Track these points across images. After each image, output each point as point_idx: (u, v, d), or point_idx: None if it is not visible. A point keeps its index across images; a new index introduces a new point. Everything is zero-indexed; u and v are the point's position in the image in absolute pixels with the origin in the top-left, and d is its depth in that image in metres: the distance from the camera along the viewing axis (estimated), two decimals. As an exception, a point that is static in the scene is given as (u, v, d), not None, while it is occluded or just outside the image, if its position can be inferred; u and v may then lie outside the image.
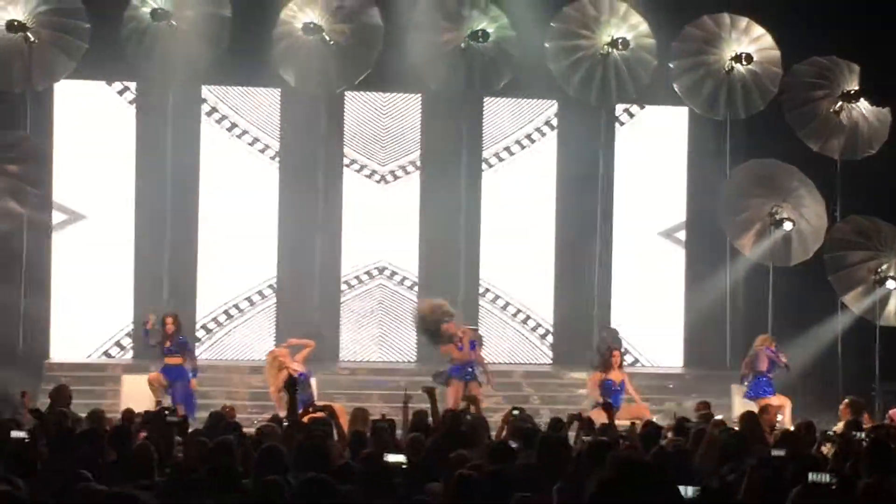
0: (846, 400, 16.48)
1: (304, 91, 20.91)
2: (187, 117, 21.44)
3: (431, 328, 18.47)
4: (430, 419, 12.91)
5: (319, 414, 12.67)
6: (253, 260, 21.96)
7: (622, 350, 19.77)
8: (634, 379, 20.50)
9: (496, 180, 22.64)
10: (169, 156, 20.96)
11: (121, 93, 21.62)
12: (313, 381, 18.00)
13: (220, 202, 21.85)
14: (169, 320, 18.36)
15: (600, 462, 8.61)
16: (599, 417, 16.63)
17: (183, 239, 21.48)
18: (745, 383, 18.97)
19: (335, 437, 11.71)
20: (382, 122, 22.45)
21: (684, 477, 8.50)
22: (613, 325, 22.06)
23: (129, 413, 14.45)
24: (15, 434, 9.01)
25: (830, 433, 12.94)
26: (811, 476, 6.94)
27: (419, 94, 22.17)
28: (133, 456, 9.54)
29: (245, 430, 12.00)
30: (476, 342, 18.65)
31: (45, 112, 21.07)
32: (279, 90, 21.69)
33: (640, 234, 22.82)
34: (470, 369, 18.29)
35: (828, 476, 6.93)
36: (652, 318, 22.61)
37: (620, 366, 18.71)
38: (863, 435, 12.43)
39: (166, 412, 12.33)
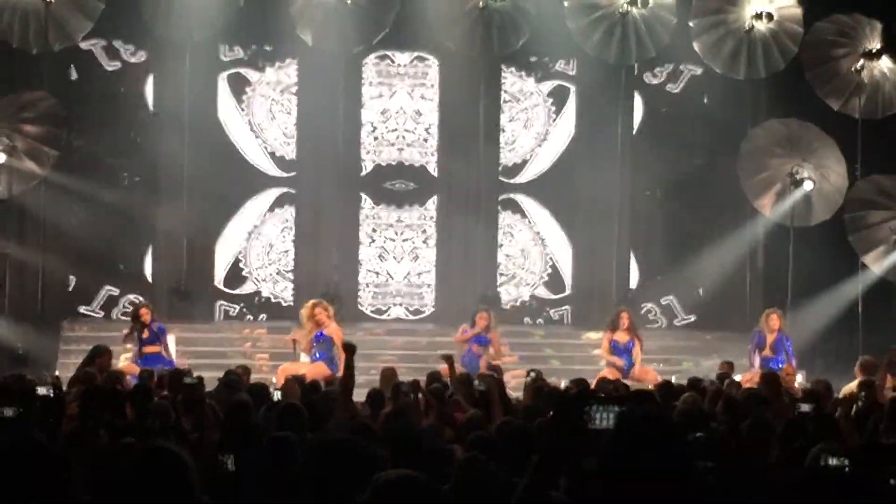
0: (860, 360, 16.56)
1: (323, 50, 20.90)
2: (205, 76, 21.48)
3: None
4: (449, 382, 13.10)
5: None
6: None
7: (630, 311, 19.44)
8: (654, 338, 20.64)
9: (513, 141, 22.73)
10: (186, 115, 21.02)
11: (136, 52, 21.64)
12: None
13: (236, 164, 21.99)
14: (144, 311, 18.04)
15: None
16: (605, 375, 16.82)
17: (206, 196, 21.53)
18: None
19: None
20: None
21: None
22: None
23: (147, 373, 14.74)
24: (41, 391, 9.12)
25: (843, 395, 13.09)
26: (830, 460, 6.96)
27: (437, 55, 22.18)
28: (153, 415, 9.69)
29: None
30: (488, 339, 18.37)
31: (63, 72, 21.13)
32: (297, 49, 21.69)
33: (657, 192, 22.87)
34: (471, 358, 18.11)
35: (844, 460, 6.95)
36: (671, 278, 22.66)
37: (629, 328, 18.69)
38: (863, 395, 12.61)
39: (183, 374, 12.48)
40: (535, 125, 22.80)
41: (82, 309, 21.32)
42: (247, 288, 22.05)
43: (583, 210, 22.46)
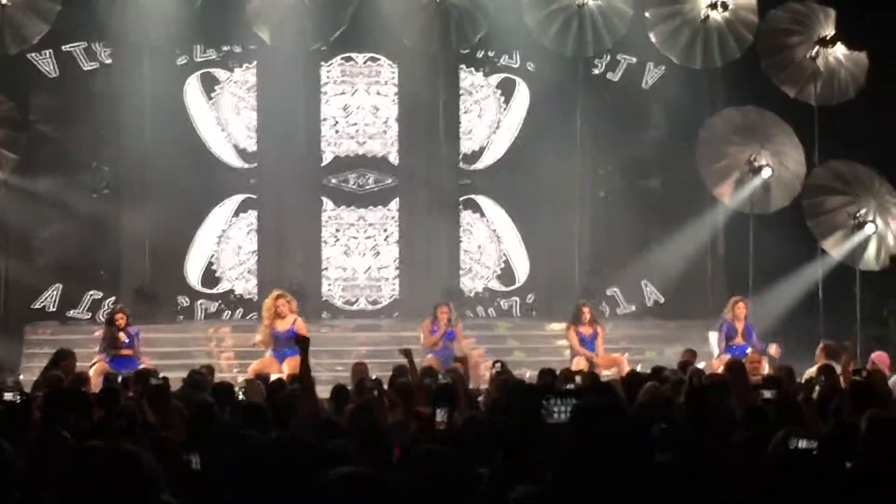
0: (821, 344, 16.67)
1: (279, 48, 20.83)
2: (164, 77, 21.35)
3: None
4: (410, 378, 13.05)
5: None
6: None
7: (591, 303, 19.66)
8: (617, 328, 20.72)
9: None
10: (147, 115, 20.89)
11: (96, 54, 21.46)
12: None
13: (201, 159, 21.88)
14: (120, 316, 17.94)
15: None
16: (579, 366, 16.92)
17: (168, 202, 21.39)
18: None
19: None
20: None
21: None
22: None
23: (113, 375, 14.69)
24: (7, 396, 9.09)
25: (805, 379, 13.16)
26: (794, 442, 6.98)
27: (394, 51, 22.11)
28: (120, 416, 9.68)
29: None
30: (454, 334, 18.50)
31: (21, 75, 20.96)
32: (255, 48, 21.60)
33: (617, 183, 22.83)
34: (446, 351, 18.17)
35: (812, 442, 6.98)
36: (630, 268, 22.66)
37: (591, 320, 18.88)
38: (822, 379, 12.73)
39: (150, 375, 12.43)
40: (488, 114, 22.71)
41: (71, 313, 21.17)
42: (222, 287, 21.97)
43: (539, 201, 22.42)
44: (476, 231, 22.67)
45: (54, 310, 21.14)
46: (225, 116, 22.02)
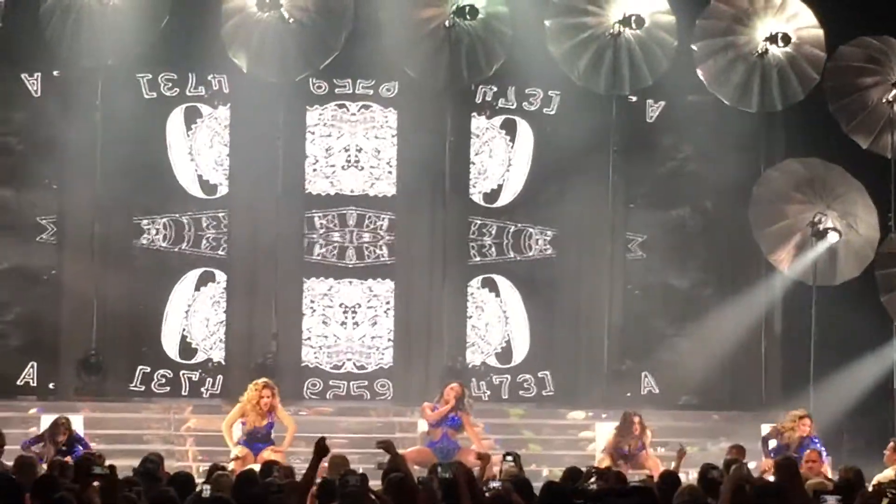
0: (891, 443, 16.49)
1: (258, 77, 20.79)
2: (121, 107, 21.30)
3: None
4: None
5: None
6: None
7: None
8: (652, 419, 20.55)
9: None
10: (98, 150, 20.83)
11: (45, 82, 21.44)
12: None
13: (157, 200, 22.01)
14: (63, 431, 17.28)
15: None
16: (604, 464, 16.73)
17: (119, 252, 21.56)
18: None
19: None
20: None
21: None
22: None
23: (56, 462, 14.60)
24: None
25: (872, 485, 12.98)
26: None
27: (394, 82, 22.08)
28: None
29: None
30: (459, 420, 18.13)
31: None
32: (225, 77, 21.65)
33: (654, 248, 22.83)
34: (447, 444, 18.04)
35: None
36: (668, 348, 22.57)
37: (642, 433, 18.44)
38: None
39: (93, 463, 12.32)
40: (499, 154, 22.69)
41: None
42: (199, 357, 22.08)
43: (566, 261, 22.54)
44: (488, 309, 22.58)
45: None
46: (198, 149, 22.00)
